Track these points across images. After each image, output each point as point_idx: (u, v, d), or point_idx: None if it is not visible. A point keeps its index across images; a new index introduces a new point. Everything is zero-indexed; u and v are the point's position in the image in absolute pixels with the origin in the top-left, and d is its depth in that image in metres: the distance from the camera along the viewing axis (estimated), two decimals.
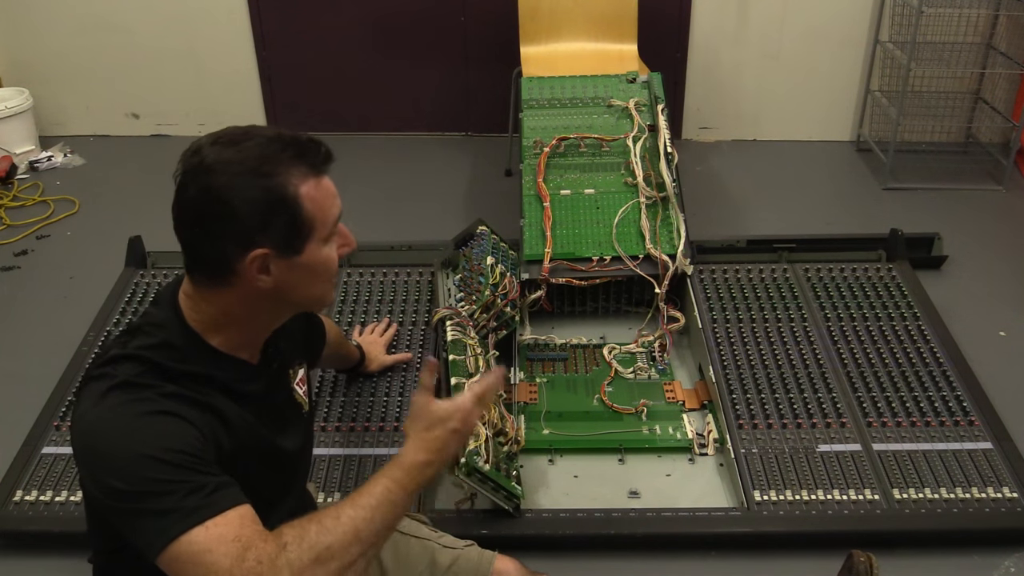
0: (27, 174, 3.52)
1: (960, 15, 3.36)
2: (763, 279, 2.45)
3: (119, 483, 0.98)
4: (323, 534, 0.99)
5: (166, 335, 1.09)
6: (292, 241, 1.07)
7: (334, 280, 1.17)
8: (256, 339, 1.18)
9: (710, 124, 3.79)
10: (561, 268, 2.37)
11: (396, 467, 1.09)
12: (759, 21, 3.55)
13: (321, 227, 1.09)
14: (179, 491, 0.97)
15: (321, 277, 1.13)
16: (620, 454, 1.99)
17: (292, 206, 1.05)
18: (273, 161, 1.05)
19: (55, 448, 1.93)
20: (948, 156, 3.58)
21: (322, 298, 1.17)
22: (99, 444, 1.01)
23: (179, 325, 1.11)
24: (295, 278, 1.09)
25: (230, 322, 1.12)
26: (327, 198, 1.09)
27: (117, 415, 1.02)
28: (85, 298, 2.54)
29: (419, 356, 2.17)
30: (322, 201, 1.08)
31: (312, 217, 1.07)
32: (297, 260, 1.08)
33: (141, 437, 1.00)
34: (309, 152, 1.08)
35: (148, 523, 0.97)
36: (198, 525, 0.96)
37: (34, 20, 3.68)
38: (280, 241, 1.06)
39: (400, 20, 3.63)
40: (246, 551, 0.95)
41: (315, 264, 1.10)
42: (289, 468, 1.28)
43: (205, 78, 3.76)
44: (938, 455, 1.89)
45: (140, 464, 0.98)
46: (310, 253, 1.09)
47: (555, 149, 2.59)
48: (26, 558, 1.79)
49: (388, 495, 1.05)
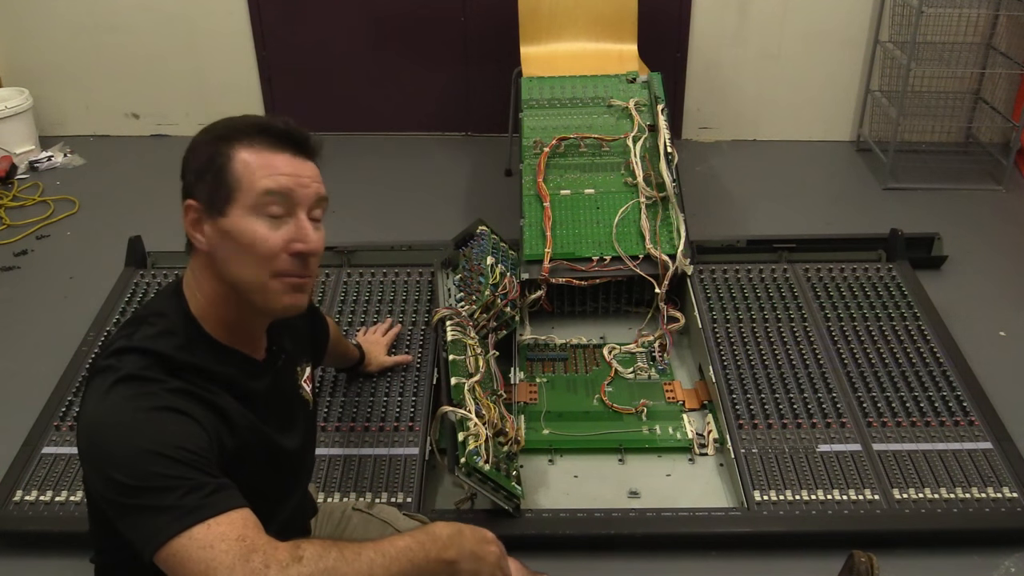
0: (27, 174, 3.53)
1: (960, 15, 3.36)
2: (763, 279, 2.45)
3: (122, 477, 0.97)
4: (341, 563, 0.98)
5: (168, 323, 1.10)
6: (215, 199, 1.08)
7: (271, 267, 1.09)
8: (249, 331, 1.17)
9: (710, 124, 3.79)
10: (561, 268, 2.37)
11: (429, 535, 1.07)
12: (759, 21, 3.55)
13: (245, 192, 1.07)
14: (180, 488, 0.97)
15: (247, 254, 1.08)
16: (620, 454, 1.99)
17: (223, 164, 1.07)
18: (235, 129, 1.09)
19: (55, 448, 1.93)
20: (948, 156, 3.58)
21: (259, 286, 1.09)
22: (104, 438, 1.01)
23: (181, 312, 1.12)
24: (225, 248, 1.08)
25: (215, 305, 1.12)
26: (262, 167, 1.08)
27: (122, 410, 1.02)
28: (85, 298, 2.54)
29: (419, 357, 2.17)
30: (255, 167, 1.07)
31: (238, 179, 1.07)
32: (222, 223, 1.08)
33: (146, 433, 1.00)
34: (273, 130, 1.10)
35: (147, 519, 0.97)
36: (199, 523, 0.96)
37: (34, 20, 3.68)
38: (206, 196, 1.09)
39: (400, 20, 3.63)
40: (252, 552, 0.95)
41: (237, 234, 1.07)
42: (292, 467, 1.28)
43: (205, 78, 3.76)
44: (938, 455, 1.89)
45: (144, 459, 0.98)
46: (234, 219, 1.07)
47: (555, 149, 2.59)
48: (26, 558, 1.79)
49: (410, 553, 1.04)
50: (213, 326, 1.13)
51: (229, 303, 1.12)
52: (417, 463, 1.87)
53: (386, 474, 1.85)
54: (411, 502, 1.79)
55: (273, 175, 1.08)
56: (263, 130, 1.10)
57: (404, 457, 1.89)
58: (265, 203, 1.07)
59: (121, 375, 1.04)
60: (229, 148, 1.08)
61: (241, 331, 1.16)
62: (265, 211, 1.08)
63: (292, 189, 1.09)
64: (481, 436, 1.72)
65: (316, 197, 1.12)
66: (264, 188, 1.07)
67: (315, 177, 1.13)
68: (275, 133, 1.10)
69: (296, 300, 1.13)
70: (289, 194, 1.09)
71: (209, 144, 1.09)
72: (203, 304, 1.13)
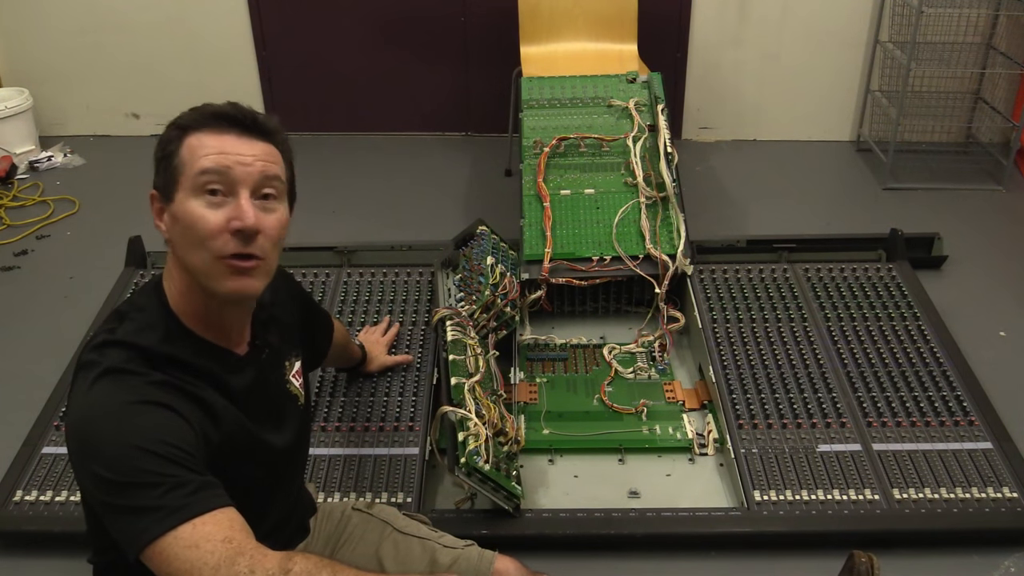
0: (27, 174, 3.53)
1: (960, 15, 3.36)
2: (763, 279, 2.45)
3: (105, 472, 0.97)
4: None
5: (148, 317, 1.11)
6: (166, 184, 1.09)
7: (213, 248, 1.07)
8: (221, 322, 1.16)
9: (710, 124, 3.79)
10: (561, 268, 2.37)
11: None
12: (759, 21, 3.55)
13: (187, 175, 1.07)
14: (163, 485, 0.97)
15: (189, 235, 1.07)
16: (620, 454, 1.99)
17: (173, 151, 1.09)
18: (190, 117, 1.10)
19: (55, 448, 1.93)
20: (948, 156, 3.58)
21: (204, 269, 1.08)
22: (86, 434, 1.01)
23: (159, 306, 1.13)
24: (176, 232, 1.10)
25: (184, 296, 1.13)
26: (202, 148, 1.08)
27: (104, 404, 1.02)
28: (85, 298, 2.55)
29: (419, 357, 2.17)
30: (196, 149, 1.08)
31: (182, 162, 1.08)
32: (172, 208, 1.09)
33: (128, 427, 1.00)
34: (220, 113, 1.10)
35: (132, 519, 0.97)
36: (185, 522, 0.95)
37: (34, 20, 3.68)
38: (161, 183, 1.11)
39: (400, 20, 3.63)
40: (238, 555, 0.94)
41: (181, 216, 1.07)
42: (280, 463, 1.27)
43: (205, 78, 3.76)
44: (938, 455, 1.89)
45: (126, 454, 0.97)
46: (179, 202, 1.08)
47: (555, 149, 2.59)
48: (26, 558, 1.79)
49: None
50: (189, 319, 1.13)
51: (195, 293, 1.12)
52: (417, 463, 1.87)
53: (386, 474, 1.85)
54: (411, 502, 1.79)
55: (210, 154, 1.07)
56: (214, 115, 1.10)
57: (404, 457, 1.89)
58: (203, 183, 1.07)
59: (103, 368, 1.04)
60: (181, 135, 1.10)
61: (214, 323, 1.15)
62: (204, 191, 1.07)
63: (229, 167, 1.07)
64: (481, 436, 1.72)
65: (261, 176, 1.09)
66: (201, 168, 1.07)
67: (262, 156, 1.10)
68: (222, 116, 1.10)
69: (242, 285, 1.10)
70: (227, 171, 1.07)
71: (167, 133, 1.11)
72: (177, 297, 1.13)
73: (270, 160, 1.11)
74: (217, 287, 1.09)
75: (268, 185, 1.11)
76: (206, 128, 1.09)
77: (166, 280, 1.15)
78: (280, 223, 1.13)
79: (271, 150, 1.12)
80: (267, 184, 1.11)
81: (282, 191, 1.14)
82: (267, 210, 1.10)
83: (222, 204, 1.07)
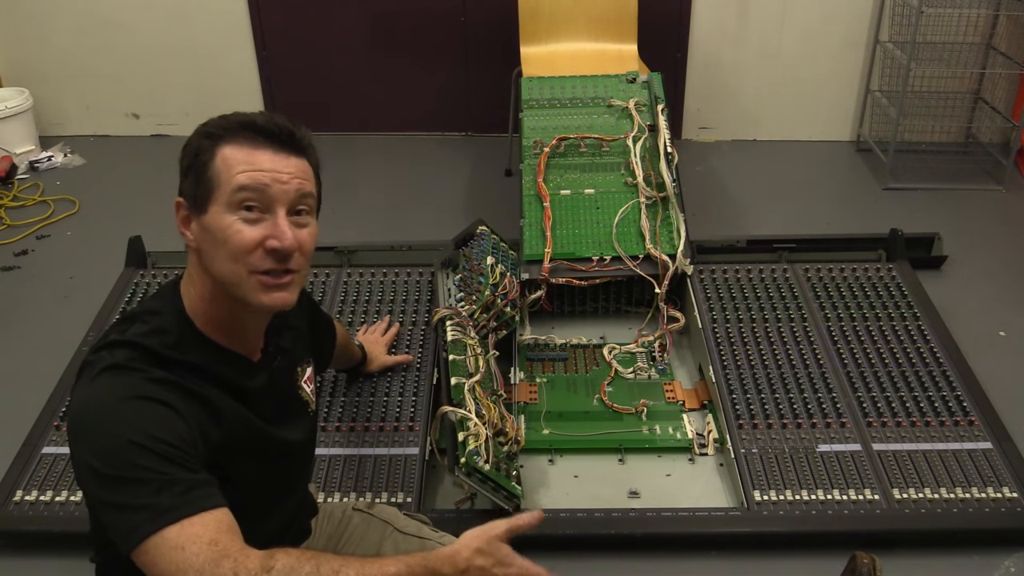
0: (27, 174, 3.53)
1: (960, 15, 3.36)
2: (763, 279, 2.45)
3: (98, 465, 0.98)
4: None
5: (162, 321, 1.10)
6: (197, 195, 1.09)
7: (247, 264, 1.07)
8: (241, 329, 1.17)
9: (710, 124, 3.79)
10: (561, 268, 2.37)
11: (421, 559, 1.04)
12: (759, 21, 3.55)
13: (223, 189, 1.07)
14: (154, 483, 0.97)
15: (223, 249, 1.07)
16: (620, 454, 1.99)
17: (206, 161, 1.08)
18: (221, 126, 1.10)
19: (55, 448, 1.93)
20: (948, 156, 3.58)
21: (237, 282, 1.08)
22: (82, 427, 1.02)
23: (175, 312, 1.12)
24: (206, 243, 1.09)
25: (206, 302, 1.12)
26: (239, 164, 1.07)
27: (103, 397, 1.02)
28: (85, 298, 2.54)
29: (419, 357, 2.17)
30: (233, 163, 1.07)
31: (217, 175, 1.07)
32: (204, 220, 1.08)
33: (123, 421, 1.00)
34: (255, 126, 1.09)
35: (124, 517, 0.97)
36: (173, 523, 0.95)
37: (34, 20, 3.68)
38: (190, 193, 1.10)
39: (400, 20, 3.63)
40: (223, 558, 0.94)
41: (215, 230, 1.07)
42: (287, 464, 1.27)
43: (205, 78, 3.76)
44: (938, 455, 1.89)
45: (119, 448, 0.98)
46: (213, 216, 1.07)
47: (555, 149, 2.59)
48: (26, 558, 1.79)
49: None
50: (206, 324, 1.13)
51: (220, 300, 1.12)
52: (417, 463, 1.87)
53: (386, 474, 1.85)
54: (411, 502, 1.79)
55: (248, 171, 1.07)
56: (247, 126, 1.09)
57: (404, 457, 1.89)
58: (240, 199, 1.07)
59: (106, 364, 1.04)
60: (213, 145, 1.08)
61: (233, 329, 1.16)
62: (240, 207, 1.07)
63: (267, 185, 1.07)
64: (481, 436, 1.72)
65: (297, 194, 1.10)
66: (238, 184, 1.07)
67: (298, 173, 1.10)
68: (257, 129, 1.09)
69: (276, 299, 1.11)
70: (264, 190, 1.07)
71: (196, 142, 1.10)
72: (196, 302, 1.13)
73: (304, 178, 1.12)
74: (251, 299, 1.10)
75: (303, 203, 1.12)
76: (239, 140, 1.08)
77: (186, 284, 1.14)
78: (312, 237, 1.14)
79: (305, 167, 1.13)
80: (302, 202, 1.12)
81: (314, 207, 1.15)
82: (300, 225, 1.12)
83: (258, 221, 1.08)
